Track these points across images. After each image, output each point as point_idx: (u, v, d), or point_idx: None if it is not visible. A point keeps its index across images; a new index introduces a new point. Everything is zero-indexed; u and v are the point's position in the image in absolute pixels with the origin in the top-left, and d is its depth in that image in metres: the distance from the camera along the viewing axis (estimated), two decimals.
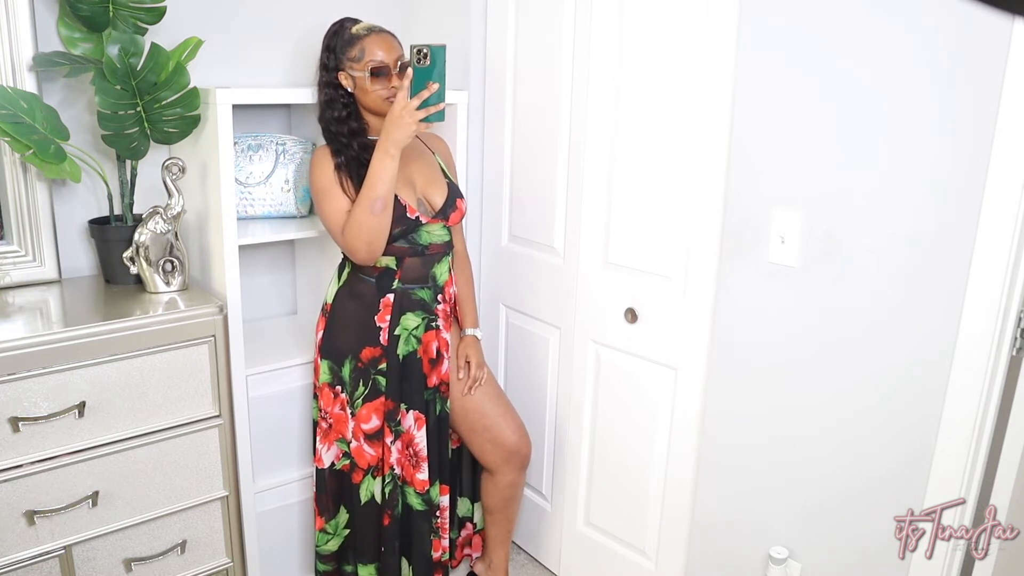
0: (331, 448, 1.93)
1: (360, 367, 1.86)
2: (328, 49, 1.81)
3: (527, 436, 2.07)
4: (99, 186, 1.99)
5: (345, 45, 1.78)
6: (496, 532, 2.16)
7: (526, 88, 2.13)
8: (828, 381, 1.57)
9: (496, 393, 2.06)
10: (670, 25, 1.75)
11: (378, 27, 1.81)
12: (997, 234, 1.30)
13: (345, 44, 1.78)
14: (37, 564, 1.64)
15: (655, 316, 1.90)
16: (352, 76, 1.78)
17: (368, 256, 1.75)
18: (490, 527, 2.16)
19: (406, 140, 1.66)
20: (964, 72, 1.30)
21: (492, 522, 2.15)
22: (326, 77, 1.81)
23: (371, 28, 1.80)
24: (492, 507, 2.11)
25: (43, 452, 1.61)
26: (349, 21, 1.83)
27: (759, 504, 1.74)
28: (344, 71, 1.79)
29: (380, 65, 1.76)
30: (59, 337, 1.60)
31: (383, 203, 1.70)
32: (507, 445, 2.02)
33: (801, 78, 1.51)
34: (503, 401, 2.06)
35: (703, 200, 1.74)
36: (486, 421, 2.00)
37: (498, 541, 2.17)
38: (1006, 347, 1.35)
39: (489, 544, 2.19)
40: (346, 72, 1.79)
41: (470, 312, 2.07)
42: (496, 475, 2.05)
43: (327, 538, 1.98)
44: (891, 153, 1.41)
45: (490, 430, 2.01)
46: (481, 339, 2.08)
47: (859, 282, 1.49)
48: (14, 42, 1.77)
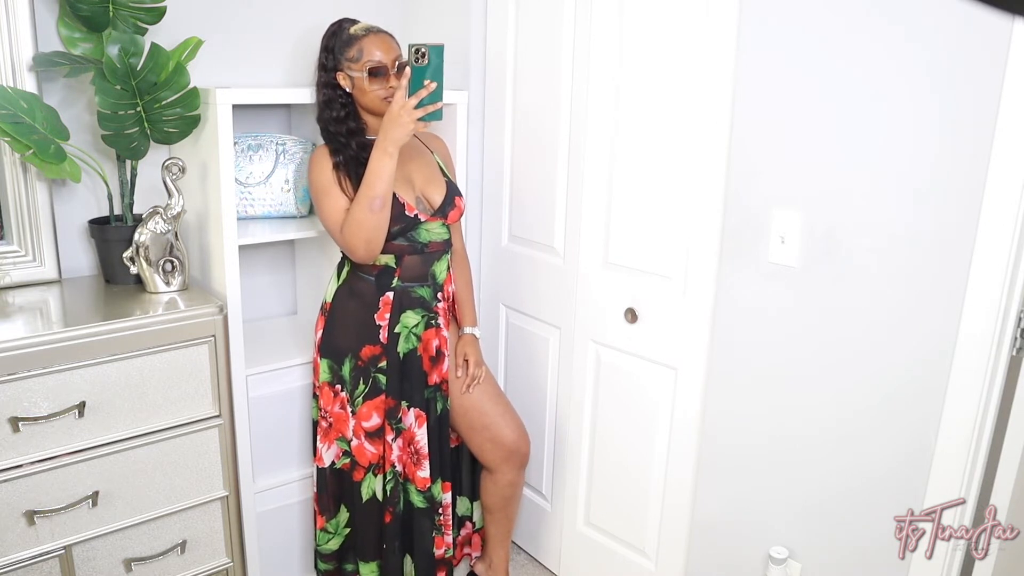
0: (331, 447, 1.93)
1: (360, 365, 1.86)
2: (326, 49, 1.81)
3: (526, 435, 2.07)
4: (99, 186, 1.99)
5: (343, 45, 1.79)
6: (496, 531, 2.16)
7: (526, 88, 2.13)
8: (828, 381, 1.57)
9: (495, 392, 2.06)
10: (670, 25, 1.75)
11: (376, 27, 1.81)
12: (997, 234, 1.30)
13: (343, 44, 1.79)
14: (37, 564, 1.64)
15: (655, 316, 1.90)
16: (350, 76, 1.79)
17: (367, 254, 1.76)
18: (490, 526, 2.16)
19: (404, 139, 1.67)
20: (964, 72, 1.30)
21: (492, 521, 2.15)
22: (324, 77, 1.82)
23: (369, 28, 1.80)
24: (492, 506, 2.11)
25: (43, 452, 1.61)
26: (347, 22, 1.83)
27: (759, 504, 1.74)
28: (342, 71, 1.79)
29: (378, 65, 1.76)
30: (59, 337, 1.60)
31: (382, 201, 1.70)
32: (506, 444, 2.02)
33: (801, 78, 1.51)
34: (502, 400, 2.07)
35: (703, 200, 1.74)
36: (485, 420, 2.01)
37: (498, 540, 2.17)
38: (1006, 347, 1.35)
39: (489, 543, 2.20)
40: (344, 72, 1.79)
41: (469, 311, 2.07)
42: (495, 474, 2.05)
43: (328, 537, 1.98)
44: (891, 153, 1.41)
45: (489, 429, 2.01)
46: (480, 338, 2.08)
47: (859, 282, 1.49)
48: (14, 42, 1.77)
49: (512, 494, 2.09)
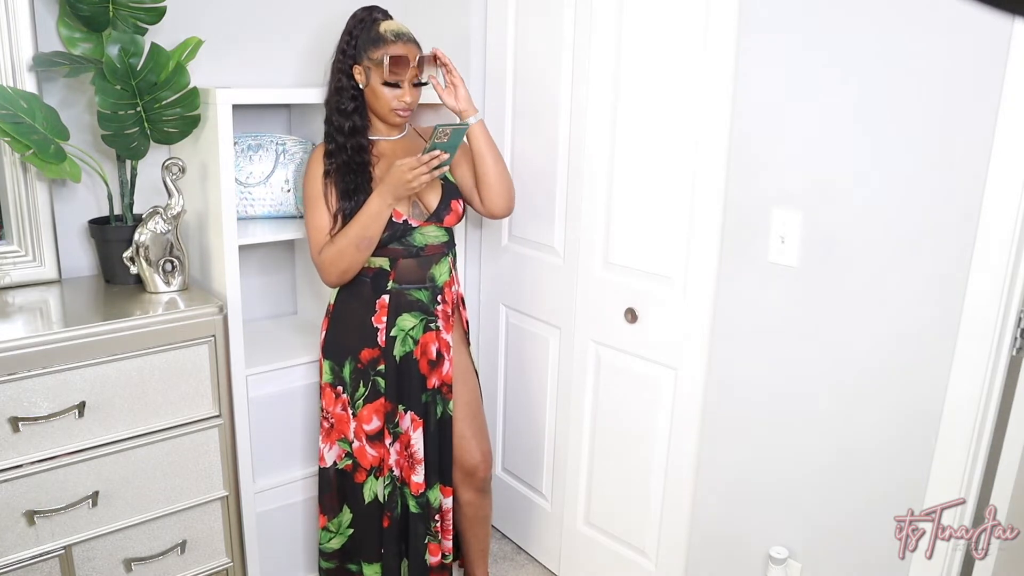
0: (333, 447, 1.93)
1: (360, 368, 1.86)
2: (349, 34, 1.80)
3: (489, 459, 2.03)
4: (99, 186, 1.99)
5: (369, 43, 1.77)
6: (468, 551, 2.14)
7: (526, 88, 2.13)
8: (828, 381, 1.57)
9: (474, 411, 2.02)
10: (670, 24, 1.75)
11: (406, 34, 1.79)
12: (997, 234, 1.30)
13: (369, 42, 1.77)
14: (37, 564, 1.64)
15: (655, 316, 1.90)
16: (368, 75, 1.78)
17: (337, 283, 1.84)
18: (463, 546, 2.14)
19: (405, 196, 1.76)
20: (964, 72, 1.30)
21: (464, 541, 2.12)
22: (342, 63, 1.80)
23: (399, 35, 1.78)
24: (459, 525, 2.09)
25: (43, 452, 1.61)
26: (378, 11, 1.82)
27: (759, 504, 1.74)
28: (360, 66, 1.79)
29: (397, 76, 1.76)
30: (59, 337, 1.60)
31: (370, 243, 1.76)
32: (466, 465, 1.99)
33: (801, 78, 1.51)
34: (478, 422, 2.03)
35: (703, 200, 1.74)
36: (454, 438, 1.98)
37: (471, 560, 2.15)
38: (1006, 347, 1.35)
39: (466, 562, 2.18)
40: (362, 67, 1.78)
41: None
42: (456, 492, 2.03)
43: (329, 536, 1.98)
44: (891, 153, 1.41)
45: (454, 449, 1.98)
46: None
47: (859, 282, 1.49)
48: (14, 42, 1.77)
49: (474, 515, 2.06)
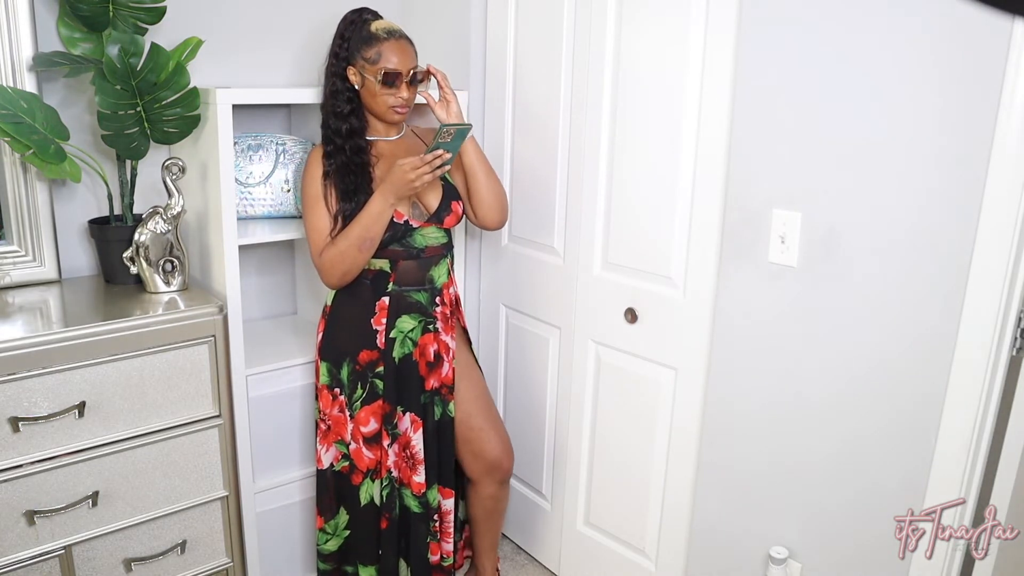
0: (330, 449, 1.93)
1: (358, 370, 1.86)
2: (342, 37, 1.79)
3: (510, 451, 2.05)
4: (99, 186, 1.99)
5: (361, 43, 1.76)
6: (480, 542, 2.15)
7: (526, 88, 2.13)
8: (828, 381, 1.57)
9: (486, 405, 2.04)
10: (670, 25, 1.74)
11: (398, 31, 1.79)
12: (997, 234, 1.30)
13: (362, 41, 1.76)
14: (37, 564, 1.64)
15: (655, 316, 1.90)
16: (363, 75, 1.77)
17: (338, 284, 1.82)
18: (475, 536, 2.15)
19: (407, 195, 1.76)
20: (964, 72, 1.30)
21: (476, 532, 2.13)
22: (336, 66, 1.79)
23: (391, 32, 1.77)
24: (475, 517, 2.10)
25: (43, 452, 1.61)
26: (368, 13, 1.81)
27: (759, 504, 1.74)
28: (354, 67, 1.78)
29: (394, 73, 1.75)
30: (59, 337, 1.60)
31: (371, 243, 1.75)
32: (488, 458, 2.01)
33: (801, 78, 1.51)
34: (492, 414, 2.05)
35: (703, 200, 1.74)
36: (471, 432, 1.99)
37: (482, 551, 2.16)
38: (1006, 347, 1.35)
39: (476, 553, 2.19)
40: (356, 69, 1.77)
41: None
42: (477, 486, 2.04)
43: (326, 538, 1.98)
44: (891, 153, 1.41)
45: (472, 443, 2.00)
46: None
47: (859, 282, 1.49)
48: (14, 42, 1.77)
49: (494, 507, 2.08)
